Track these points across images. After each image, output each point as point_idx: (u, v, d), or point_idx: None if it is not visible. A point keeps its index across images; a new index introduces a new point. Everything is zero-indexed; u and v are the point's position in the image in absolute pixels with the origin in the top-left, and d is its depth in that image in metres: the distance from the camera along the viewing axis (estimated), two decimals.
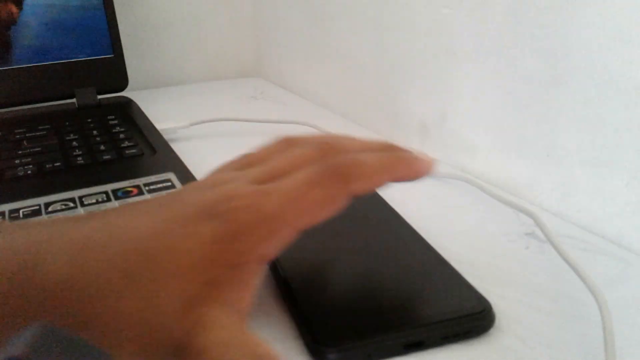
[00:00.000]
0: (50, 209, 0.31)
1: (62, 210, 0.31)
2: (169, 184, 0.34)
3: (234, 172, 0.24)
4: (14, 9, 0.50)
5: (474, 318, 0.23)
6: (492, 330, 0.24)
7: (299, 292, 0.25)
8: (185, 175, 0.36)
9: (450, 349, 0.23)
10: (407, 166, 0.24)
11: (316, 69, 0.58)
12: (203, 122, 0.48)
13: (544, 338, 0.23)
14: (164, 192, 0.33)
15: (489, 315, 0.23)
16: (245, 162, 0.24)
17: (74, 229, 0.21)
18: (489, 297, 0.26)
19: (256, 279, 0.21)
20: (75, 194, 0.33)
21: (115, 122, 0.47)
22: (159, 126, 0.46)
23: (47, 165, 0.38)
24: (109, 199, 0.32)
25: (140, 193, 0.33)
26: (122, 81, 0.55)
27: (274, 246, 0.21)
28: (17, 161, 0.39)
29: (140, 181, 0.35)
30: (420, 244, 0.28)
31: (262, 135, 0.48)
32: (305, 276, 0.26)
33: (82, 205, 0.32)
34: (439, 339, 0.22)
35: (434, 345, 0.22)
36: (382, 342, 0.22)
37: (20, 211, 0.31)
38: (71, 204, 0.32)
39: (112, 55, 0.54)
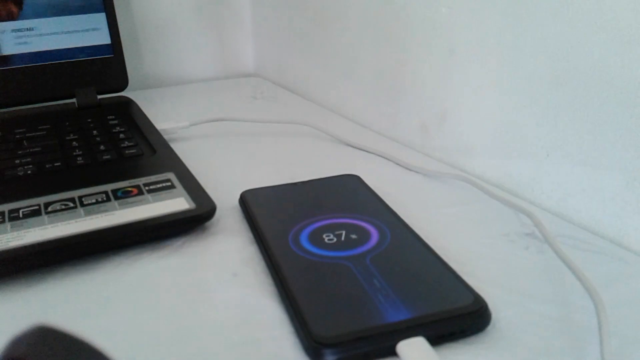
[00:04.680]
0: (50, 208, 0.31)
1: (61, 210, 0.31)
2: (169, 183, 0.34)
3: None
4: (14, 8, 0.50)
5: (469, 317, 0.23)
6: (488, 329, 0.24)
7: (297, 291, 0.25)
8: (185, 175, 0.36)
9: (446, 347, 0.23)
10: None
11: (316, 69, 0.58)
12: (203, 122, 0.48)
13: (541, 337, 0.23)
14: (163, 192, 0.33)
15: (484, 314, 0.23)
16: None
17: None
18: (487, 297, 0.26)
19: None
20: (75, 193, 0.33)
21: (115, 122, 0.47)
22: (159, 126, 0.47)
23: (47, 165, 0.38)
24: (108, 199, 0.32)
25: (140, 193, 0.33)
26: (122, 81, 0.55)
27: None
28: (17, 161, 0.39)
29: (140, 181, 0.35)
30: (417, 242, 0.28)
31: (262, 135, 0.48)
32: (303, 275, 0.26)
33: (82, 205, 0.32)
34: (435, 338, 0.23)
35: (430, 343, 0.22)
36: (378, 341, 0.22)
37: (20, 211, 0.31)
38: (71, 204, 0.32)
39: (112, 55, 0.54)
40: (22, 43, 0.51)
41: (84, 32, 0.53)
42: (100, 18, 0.53)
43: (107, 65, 0.54)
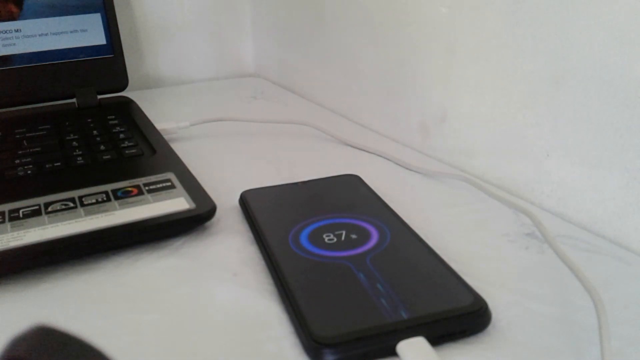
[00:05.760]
0: (50, 208, 0.31)
1: (62, 210, 0.31)
2: (169, 183, 0.34)
3: None
4: (14, 8, 0.50)
5: (469, 317, 0.23)
6: (488, 330, 0.24)
7: (297, 291, 0.25)
8: (185, 175, 0.36)
9: (446, 347, 0.23)
10: None
11: (316, 68, 0.58)
12: (203, 122, 0.48)
13: (541, 337, 0.23)
14: (163, 192, 0.33)
15: (484, 314, 0.23)
16: None
17: None
18: (487, 297, 0.26)
19: None
20: (75, 193, 0.33)
21: (115, 122, 0.47)
22: (159, 126, 0.47)
23: (47, 165, 0.38)
24: (109, 199, 0.32)
25: (140, 193, 0.33)
26: (122, 81, 0.55)
27: None
28: (17, 161, 0.39)
29: (140, 181, 0.35)
30: (417, 242, 0.28)
31: (262, 135, 0.48)
32: (303, 275, 0.26)
33: (82, 205, 0.32)
34: (434, 338, 0.23)
35: (430, 343, 0.22)
36: (378, 341, 0.22)
37: (20, 211, 0.31)
38: (71, 204, 0.32)
39: (112, 55, 0.54)
40: (26, 44, 0.51)
41: (83, 32, 0.53)
42: (100, 18, 0.53)
43: (107, 66, 0.54)
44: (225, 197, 0.36)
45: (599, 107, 0.31)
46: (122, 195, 0.33)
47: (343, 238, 0.29)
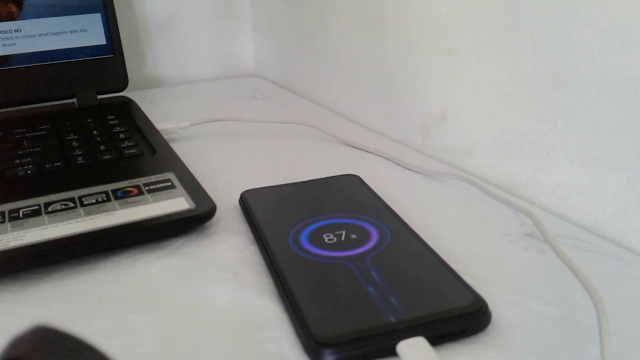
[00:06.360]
0: (50, 208, 0.31)
1: (62, 210, 0.31)
2: (169, 183, 0.34)
3: None
4: (14, 8, 0.50)
5: (469, 317, 0.23)
6: (488, 330, 0.24)
7: (297, 291, 0.25)
8: (185, 175, 0.36)
9: (446, 347, 0.23)
10: None
11: (316, 69, 0.58)
12: (203, 122, 0.48)
13: (541, 337, 0.23)
14: (163, 192, 0.33)
15: (484, 314, 0.23)
16: None
17: None
18: (487, 297, 0.26)
19: None
20: (75, 193, 0.33)
21: (115, 122, 0.47)
22: (159, 126, 0.46)
23: (47, 165, 0.38)
24: (109, 199, 0.32)
25: (140, 193, 0.33)
26: (122, 81, 0.55)
27: None
28: (17, 161, 0.39)
29: (140, 181, 0.35)
30: (417, 242, 0.28)
31: (262, 135, 0.48)
32: (303, 275, 0.26)
33: (82, 205, 0.32)
34: (435, 338, 0.23)
35: (430, 343, 0.22)
36: (378, 341, 0.22)
37: (20, 211, 0.31)
38: (71, 204, 0.32)
39: (112, 55, 0.54)
40: (26, 44, 0.51)
41: (83, 32, 0.53)
42: (100, 18, 0.53)
43: (107, 65, 0.54)
44: (225, 197, 0.36)
45: (599, 107, 0.31)
46: (122, 195, 0.33)
47: (343, 238, 0.29)
